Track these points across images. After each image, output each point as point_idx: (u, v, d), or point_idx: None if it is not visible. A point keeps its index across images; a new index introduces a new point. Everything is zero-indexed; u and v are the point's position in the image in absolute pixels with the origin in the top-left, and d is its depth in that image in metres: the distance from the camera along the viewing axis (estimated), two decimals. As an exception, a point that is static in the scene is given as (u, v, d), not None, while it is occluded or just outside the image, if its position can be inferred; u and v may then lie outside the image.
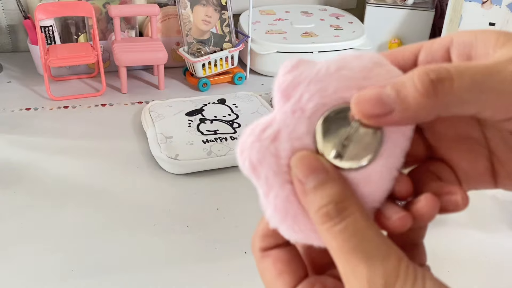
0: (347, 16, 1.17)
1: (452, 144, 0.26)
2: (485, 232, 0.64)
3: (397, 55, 0.26)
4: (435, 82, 0.20)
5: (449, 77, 0.20)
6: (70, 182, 0.70)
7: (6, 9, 1.07)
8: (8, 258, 0.57)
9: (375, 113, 0.22)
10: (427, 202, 0.23)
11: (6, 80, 0.99)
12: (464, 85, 0.20)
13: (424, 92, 0.20)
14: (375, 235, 0.21)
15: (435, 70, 0.21)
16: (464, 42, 0.24)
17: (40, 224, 0.62)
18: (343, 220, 0.21)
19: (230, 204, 0.67)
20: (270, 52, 1.01)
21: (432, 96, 0.20)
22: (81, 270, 0.56)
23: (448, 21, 0.99)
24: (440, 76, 0.20)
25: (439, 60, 0.25)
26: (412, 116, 0.21)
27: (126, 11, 0.95)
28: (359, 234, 0.21)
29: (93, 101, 0.92)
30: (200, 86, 0.97)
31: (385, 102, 0.21)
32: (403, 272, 0.20)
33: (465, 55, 0.24)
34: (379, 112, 0.21)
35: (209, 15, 0.98)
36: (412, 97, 0.21)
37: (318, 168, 0.23)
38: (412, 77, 0.21)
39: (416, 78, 0.21)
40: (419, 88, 0.21)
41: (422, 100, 0.21)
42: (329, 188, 0.22)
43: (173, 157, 0.72)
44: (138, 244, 0.60)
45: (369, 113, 0.22)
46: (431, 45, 0.25)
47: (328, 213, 0.22)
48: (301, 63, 0.25)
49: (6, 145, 0.78)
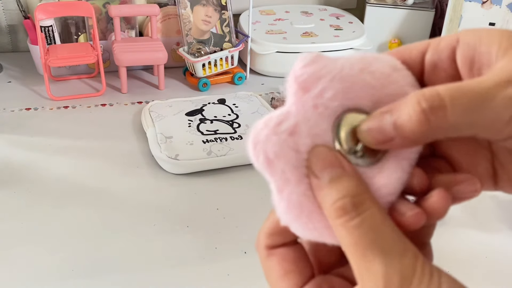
0: (347, 16, 1.17)
1: (455, 143, 0.26)
2: (485, 232, 0.64)
3: (404, 53, 0.26)
4: (427, 111, 0.21)
5: (442, 106, 0.21)
6: (70, 182, 0.70)
7: (6, 9, 1.07)
8: (8, 258, 0.57)
9: (379, 141, 0.23)
10: (439, 197, 0.23)
11: (6, 80, 0.99)
12: (456, 113, 0.21)
13: (417, 121, 0.21)
14: (392, 231, 0.21)
15: (428, 99, 0.21)
16: (469, 44, 0.24)
17: (40, 224, 0.62)
18: (360, 215, 0.21)
19: (230, 204, 0.67)
20: (270, 52, 1.01)
21: (425, 125, 0.21)
22: (81, 270, 0.56)
23: (448, 21, 0.99)
24: (432, 105, 0.21)
25: (445, 61, 0.25)
26: (411, 142, 0.22)
27: (126, 11, 0.95)
28: (376, 229, 0.21)
29: (93, 101, 0.92)
30: (200, 86, 0.97)
31: (386, 132, 0.22)
32: (420, 269, 0.20)
33: (469, 58, 0.24)
34: (382, 139, 0.23)
35: (209, 15, 0.98)
36: (407, 126, 0.22)
37: (334, 163, 0.23)
38: (407, 104, 0.22)
39: (410, 107, 0.21)
40: (412, 117, 0.21)
41: (416, 129, 0.21)
42: (345, 182, 0.22)
43: (173, 157, 0.72)
44: (138, 244, 0.60)
45: (372, 141, 0.23)
46: (437, 44, 0.25)
47: (343, 206, 0.21)
48: (320, 57, 0.25)
49: (6, 145, 0.78)
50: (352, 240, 0.21)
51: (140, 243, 0.60)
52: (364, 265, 0.21)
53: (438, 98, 0.21)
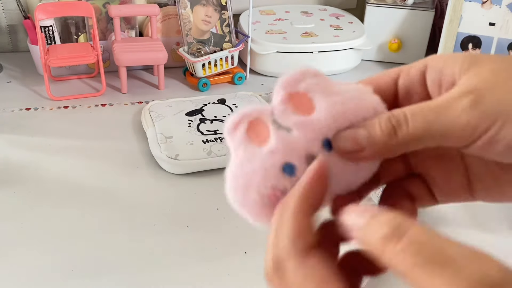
0: (347, 16, 1.17)
1: (429, 161, 0.29)
2: (485, 232, 0.64)
3: (379, 81, 0.29)
4: (395, 126, 0.25)
5: (405, 121, 0.24)
6: (70, 182, 0.70)
7: (6, 9, 1.07)
8: (8, 258, 0.57)
9: (351, 150, 0.25)
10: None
11: (6, 80, 0.99)
12: (418, 126, 0.24)
13: (387, 134, 0.25)
14: (445, 239, 0.20)
15: (395, 116, 0.25)
16: (436, 68, 0.27)
17: (40, 224, 0.62)
18: (404, 234, 0.20)
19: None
20: (270, 52, 1.01)
21: (393, 137, 0.25)
22: (81, 270, 0.56)
23: (448, 21, 0.99)
24: (398, 121, 0.25)
25: (416, 85, 0.28)
26: (379, 152, 0.25)
27: (126, 11, 0.95)
28: (429, 241, 0.20)
29: (93, 101, 0.92)
30: (200, 86, 0.97)
31: (359, 141, 0.25)
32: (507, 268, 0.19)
33: (437, 80, 0.27)
34: (354, 149, 0.25)
35: (209, 15, 0.98)
36: (378, 137, 0.25)
37: (361, 210, 0.23)
38: (380, 121, 0.25)
39: (382, 122, 0.25)
40: (384, 130, 0.25)
41: (386, 140, 0.25)
42: (381, 216, 0.21)
43: (173, 157, 0.72)
44: (138, 244, 0.60)
45: (345, 149, 0.26)
46: (408, 71, 0.28)
47: (386, 237, 0.20)
48: (307, 72, 0.28)
49: (6, 145, 0.78)
50: (409, 262, 0.19)
51: (140, 243, 0.60)
52: (432, 283, 0.19)
53: (403, 115, 0.25)
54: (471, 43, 0.99)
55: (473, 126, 0.23)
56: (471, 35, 0.98)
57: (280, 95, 0.27)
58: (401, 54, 1.12)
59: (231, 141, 0.28)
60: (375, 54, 1.14)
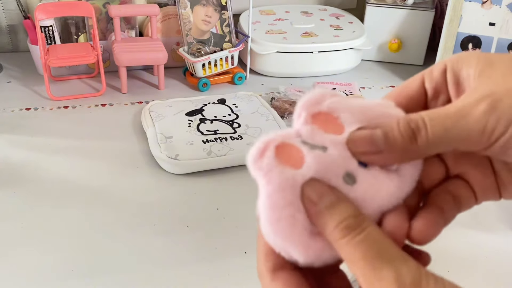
0: (347, 16, 1.17)
1: (466, 161, 0.28)
2: (485, 232, 0.64)
3: (407, 90, 0.29)
4: (415, 131, 0.25)
5: (424, 126, 0.25)
6: (70, 182, 0.70)
7: (6, 9, 1.07)
8: (8, 258, 0.57)
9: (367, 151, 0.25)
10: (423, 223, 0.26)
11: (6, 80, 0.99)
12: (436, 132, 0.24)
13: (407, 138, 0.25)
14: (391, 242, 0.23)
15: (414, 120, 0.25)
16: (453, 69, 0.27)
17: (40, 224, 0.62)
18: (364, 230, 0.23)
19: (230, 204, 0.67)
20: (270, 52, 1.01)
21: (413, 142, 0.25)
22: (81, 270, 0.56)
23: (448, 21, 0.99)
24: (417, 126, 0.25)
25: (441, 85, 0.28)
26: (398, 157, 0.25)
27: (126, 11, 0.95)
28: (379, 241, 0.23)
29: (93, 101, 0.92)
30: (200, 86, 0.97)
31: (376, 143, 0.25)
32: (424, 273, 0.22)
33: (455, 82, 0.27)
34: (370, 150, 0.25)
35: (209, 15, 0.98)
36: (398, 141, 0.25)
37: (328, 191, 0.24)
38: (398, 123, 0.25)
39: (401, 126, 0.25)
40: (403, 134, 0.25)
41: (405, 145, 0.25)
42: (343, 206, 0.24)
43: (173, 157, 0.72)
44: (138, 244, 0.60)
45: (361, 150, 0.25)
46: (431, 72, 0.28)
47: (348, 226, 0.23)
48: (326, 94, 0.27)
49: (6, 145, 0.78)
50: (360, 254, 0.22)
51: (140, 243, 0.60)
52: (374, 275, 0.22)
53: (422, 120, 0.25)
54: (471, 43, 0.99)
55: (490, 130, 0.24)
56: (471, 35, 0.98)
57: (303, 116, 0.26)
58: (401, 54, 1.12)
59: (258, 169, 0.25)
60: (375, 54, 1.14)
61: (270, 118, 0.83)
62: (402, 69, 1.11)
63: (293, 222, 0.24)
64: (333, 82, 0.96)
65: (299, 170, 0.25)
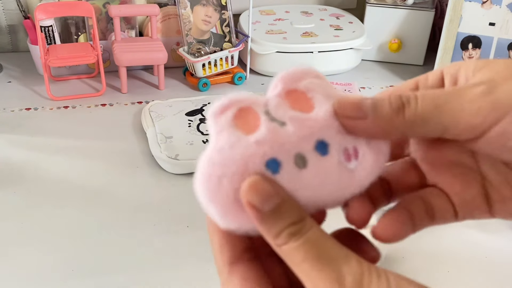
0: (347, 16, 1.17)
1: (445, 170, 0.27)
2: (485, 232, 0.64)
3: (398, 91, 0.28)
4: (405, 103, 0.24)
5: (415, 100, 0.24)
6: (70, 182, 0.70)
7: (6, 9, 1.07)
8: (8, 258, 0.57)
9: (352, 115, 0.24)
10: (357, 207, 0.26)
11: (6, 80, 0.99)
12: (426, 106, 0.24)
13: (395, 108, 0.24)
14: (332, 242, 0.23)
15: (406, 95, 0.24)
16: (451, 74, 0.27)
17: (40, 224, 0.62)
18: (303, 235, 0.23)
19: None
20: (270, 52, 1.01)
21: (400, 113, 0.24)
22: (81, 270, 0.56)
23: (448, 21, 0.99)
24: (408, 99, 0.24)
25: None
26: (382, 127, 0.24)
27: (126, 11, 0.95)
28: (319, 243, 0.22)
29: (93, 101, 0.92)
30: (200, 86, 0.97)
31: (363, 108, 0.24)
32: (367, 269, 0.22)
33: (453, 82, 0.27)
34: (355, 114, 0.24)
35: (209, 15, 0.98)
36: (385, 110, 0.24)
37: (271, 192, 0.23)
38: (389, 96, 0.25)
39: (392, 98, 0.24)
40: (392, 104, 0.24)
41: (392, 116, 0.24)
42: (286, 210, 0.23)
43: (173, 157, 0.72)
44: (138, 244, 0.60)
45: (347, 114, 0.24)
46: (426, 78, 0.28)
47: (290, 234, 0.23)
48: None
49: (6, 145, 0.78)
50: (300, 257, 0.22)
51: (140, 243, 0.60)
52: (316, 276, 0.22)
53: (414, 95, 0.24)
54: (471, 43, 0.99)
55: (484, 114, 0.23)
56: (471, 35, 0.98)
57: (278, 89, 0.26)
58: (401, 54, 1.12)
59: (214, 125, 0.25)
60: (375, 54, 1.14)
61: (270, 118, 0.83)
62: (402, 69, 1.11)
63: (219, 184, 0.24)
64: (333, 82, 0.96)
65: (247, 136, 0.24)
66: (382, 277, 0.22)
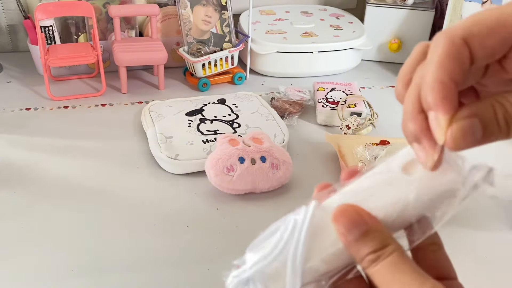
0: (347, 16, 1.17)
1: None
2: (485, 232, 0.64)
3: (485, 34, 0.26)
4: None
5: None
6: (70, 182, 0.70)
7: (6, 9, 1.07)
8: (8, 258, 0.57)
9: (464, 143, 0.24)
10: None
11: (6, 80, 0.99)
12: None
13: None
14: (410, 267, 0.25)
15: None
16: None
17: (40, 224, 0.62)
18: (383, 261, 0.26)
19: (230, 204, 0.67)
20: (270, 52, 1.01)
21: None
22: (81, 270, 0.56)
23: (448, 21, 0.99)
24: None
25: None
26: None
27: (126, 11, 0.95)
28: (397, 268, 0.25)
29: (93, 101, 0.92)
30: (200, 86, 0.97)
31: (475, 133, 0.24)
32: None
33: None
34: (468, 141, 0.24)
35: (209, 15, 0.98)
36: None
37: (359, 221, 0.26)
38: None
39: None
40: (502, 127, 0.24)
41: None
42: (370, 238, 0.26)
43: (173, 157, 0.72)
44: (138, 244, 0.60)
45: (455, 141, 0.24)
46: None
47: (370, 260, 0.26)
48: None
49: (6, 145, 0.78)
50: (378, 280, 0.25)
51: (140, 243, 0.60)
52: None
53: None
54: (471, 43, 0.99)
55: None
56: (471, 35, 0.98)
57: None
58: (401, 54, 1.12)
59: (219, 144, 0.68)
60: (375, 54, 1.14)
61: (270, 118, 0.83)
62: (402, 69, 1.11)
63: (216, 162, 0.66)
64: (333, 82, 0.96)
65: (233, 146, 0.68)
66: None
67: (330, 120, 0.87)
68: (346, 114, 0.85)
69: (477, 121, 0.24)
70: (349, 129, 0.82)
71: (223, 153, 0.67)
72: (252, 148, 0.68)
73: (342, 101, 0.88)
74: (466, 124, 0.23)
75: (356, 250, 0.26)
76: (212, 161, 0.67)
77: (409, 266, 0.25)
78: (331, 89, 0.93)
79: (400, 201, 0.26)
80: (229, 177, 0.66)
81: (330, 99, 0.90)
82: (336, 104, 0.88)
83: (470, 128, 0.23)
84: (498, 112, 0.24)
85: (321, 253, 0.27)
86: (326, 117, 0.87)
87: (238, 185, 0.67)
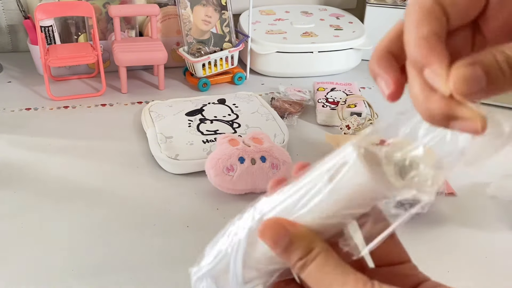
0: (347, 16, 1.17)
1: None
2: (485, 232, 0.64)
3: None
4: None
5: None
6: (70, 182, 0.70)
7: (6, 9, 1.07)
8: (8, 258, 0.57)
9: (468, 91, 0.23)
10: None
11: (6, 80, 0.99)
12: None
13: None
14: (333, 267, 0.27)
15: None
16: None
17: (40, 224, 0.62)
18: (307, 267, 0.28)
19: (230, 204, 0.67)
20: (270, 52, 1.01)
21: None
22: (81, 270, 0.56)
23: (448, 21, 0.99)
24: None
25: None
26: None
27: (126, 11, 0.95)
28: (321, 270, 0.27)
29: (93, 101, 0.92)
30: (200, 86, 0.97)
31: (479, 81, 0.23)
32: (369, 285, 0.26)
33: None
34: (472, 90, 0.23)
35: (209, 15, 0.98)
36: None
37: (281, 232, 0.28)
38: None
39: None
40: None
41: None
42: (295, 247, 0.28)
43: (173, 157, 0.72)
44: (138, 244, 0.60)
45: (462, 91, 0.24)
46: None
47: (300, 266, 0.28)
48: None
49: (6, 145, 0.78)
50: (310, 281, 0.27)
51: (140, 243, 0.60)
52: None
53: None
54: (471, 43, 0.99)
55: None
56: (471, 35, 0.98)
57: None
58: (401, 54, 1.12)
59: (219, 144, 0.68)
60: (375, 54, 1.14)
61: (270, 118, 0.83)
62: (402, 69, 1.11)
63: (216, 162, 0.67)
64: (333, 82, 0.96)
65: (232, 146, 0.69)
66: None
67: (330, 120, 0.87)
68: (346, 114, 0.85)
69: (478, 67, 0.22)
70: (349, 129, 0.82)
71: (223, 153, 0.67)
72: (252, 148, 0.68)
73: (342, 101, 0.88)
74: (467, 71, 0.22)
75: (286, 259, 0.28)
76: (212, 161, 0.67)
77: (332, 266, 0.27)
78: (331, 89, 0.93)
79: (322, 203, 0.28)
80: (229, 177, 0.66)
81: (330, 99, 0.90)
82: (336, 104, 0.88)
83: (472, 75, 0.22)
84: (499, 58, 0.23)
85: (259, 260, 0.30)
86: (326, 117, 0.87)
87: (238, 185, 0.67)
